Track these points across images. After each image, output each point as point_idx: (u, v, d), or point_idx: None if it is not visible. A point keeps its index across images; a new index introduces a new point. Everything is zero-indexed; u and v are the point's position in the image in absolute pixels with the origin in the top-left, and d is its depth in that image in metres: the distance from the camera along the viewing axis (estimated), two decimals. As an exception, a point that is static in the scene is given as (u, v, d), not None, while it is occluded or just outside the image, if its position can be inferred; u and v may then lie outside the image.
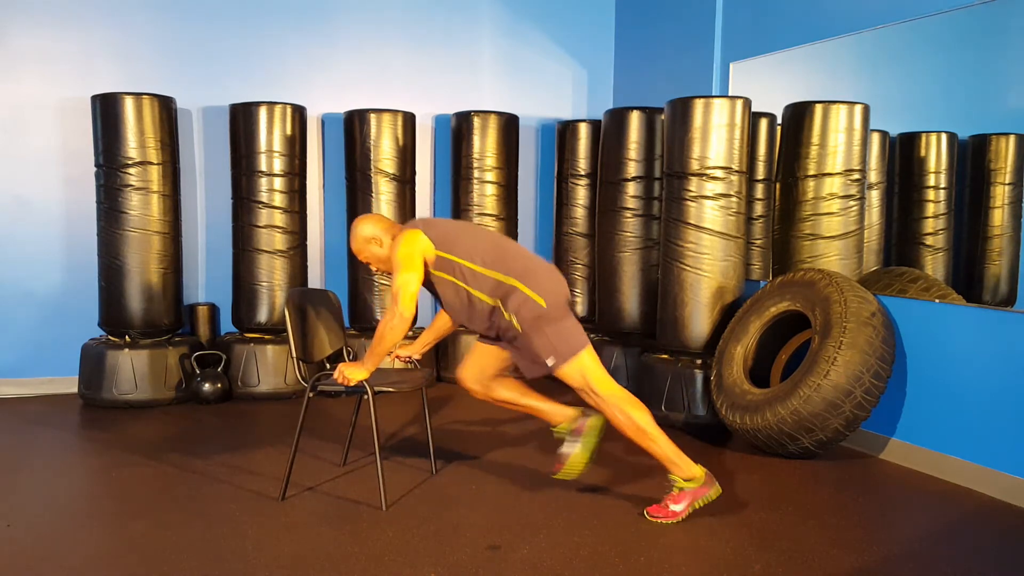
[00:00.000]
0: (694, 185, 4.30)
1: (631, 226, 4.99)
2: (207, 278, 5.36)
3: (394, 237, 3.12)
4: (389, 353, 3.11)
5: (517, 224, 5.68)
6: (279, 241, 5.00)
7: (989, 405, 3.46)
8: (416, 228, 3.09)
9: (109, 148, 4.67)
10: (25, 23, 4.87)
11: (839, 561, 2.73)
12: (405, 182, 5.33)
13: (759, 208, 4.67)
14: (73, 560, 2.67)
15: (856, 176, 4.22)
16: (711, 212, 4.28)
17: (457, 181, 5.52)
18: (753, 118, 4.56)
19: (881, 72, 4.12)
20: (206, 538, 2.84)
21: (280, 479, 3.34)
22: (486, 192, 5.46)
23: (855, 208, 4.23)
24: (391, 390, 3.21)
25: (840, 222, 4.25)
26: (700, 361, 4.40)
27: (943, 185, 3.92)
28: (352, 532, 2.91)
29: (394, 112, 5.24)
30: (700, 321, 4.34)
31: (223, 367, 4.91)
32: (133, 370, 4.68)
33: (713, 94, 4.85)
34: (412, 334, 5.32)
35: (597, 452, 3.17)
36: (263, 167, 4.94)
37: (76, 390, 4.91)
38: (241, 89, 5.26)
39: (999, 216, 3.60)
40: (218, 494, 3.28)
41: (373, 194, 5.23)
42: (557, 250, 5.77)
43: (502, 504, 3.22)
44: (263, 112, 4.91)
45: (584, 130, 5.60)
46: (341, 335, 3.56)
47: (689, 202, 4.32)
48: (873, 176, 4.20)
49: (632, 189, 4.99)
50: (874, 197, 4.20)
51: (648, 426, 3.02)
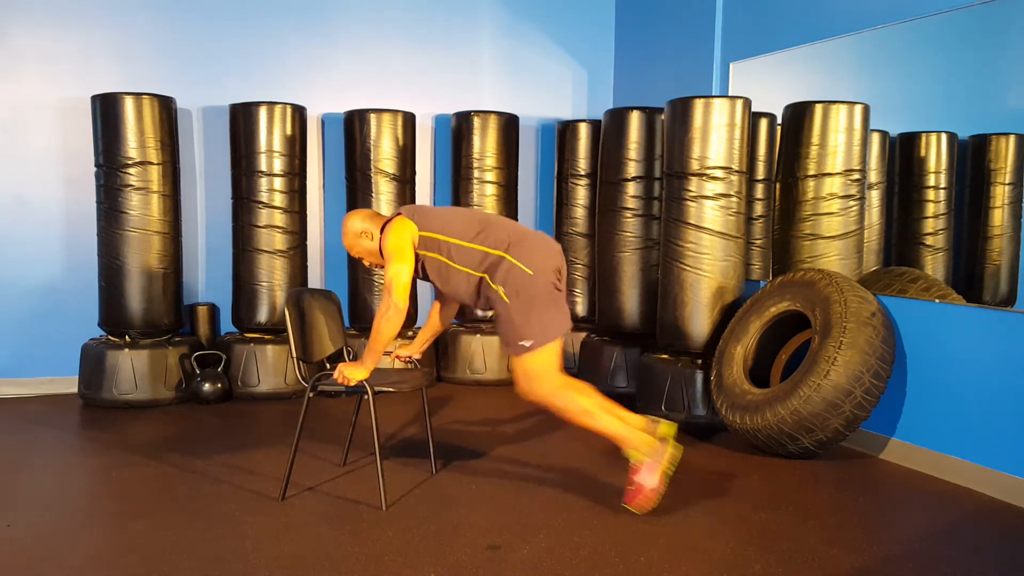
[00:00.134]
0: (694, 185, 4.30)
1: (631, 226, 4.99)
2: (207, 278, 5.36)
3: (383, 229, 3.15)
4: (388, 352, 3.12)
5: (517, 224, 5.68)
6: (279, 241, 5.00)
7: (989, 405, 3.46)
8: (402, 215, 3.15)
9: (109, 148, 4.67)
10: (25, 23, 4.87)
11: (839, 561, 2.73)
12: (405, 182, 5.33)
13: (759, 208, 4.67)
14: (73, 560, 2.67)
15: (856, 176, 4.22)
16: (711, 212, 4.28)
17: (457, 181, 5.52)
18: (753, 118, 4.56)
19: (881, 72, 4.11)
20: (206, 538, 2.84)
21: (280, 479, 3.34)
22: (486, 192, 5.45)
23: (855, 208, 4.23)
24: (391, 390, 3.21)
25: (840, 222, 4.25)
26: (700, 361, 4.40)
27: (943, 185, 3.92)
28: (352, 532, 2.91)
29: (394, 112, 5.24)
30: (700, 321, 4.34)
31: (223, 367, 4.91)
32: (133, 370, 4.68)
33: (713, 94, 4.84)
34: (412, 334, 5.33)
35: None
36: (263, 167, 4.94)
37: (76, 390, 4.91)
38: (241, 89, 5.26)
39: (999, 216, 3.59)
40: (218, 494, 3.28)
41: (373, 194, 5.23)
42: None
43: (502, 504, 3.22)
44: (263, 112, 4.91)
45: (584, 130, 5.60)
46: (341, 335, 3.56)
47: (689, 202, 4.32)
48: (873, 176, 4.20)
49: (632, 189, 4.99)
50: (874, 197, 4.20)
51: (592, 406, 3.04)
